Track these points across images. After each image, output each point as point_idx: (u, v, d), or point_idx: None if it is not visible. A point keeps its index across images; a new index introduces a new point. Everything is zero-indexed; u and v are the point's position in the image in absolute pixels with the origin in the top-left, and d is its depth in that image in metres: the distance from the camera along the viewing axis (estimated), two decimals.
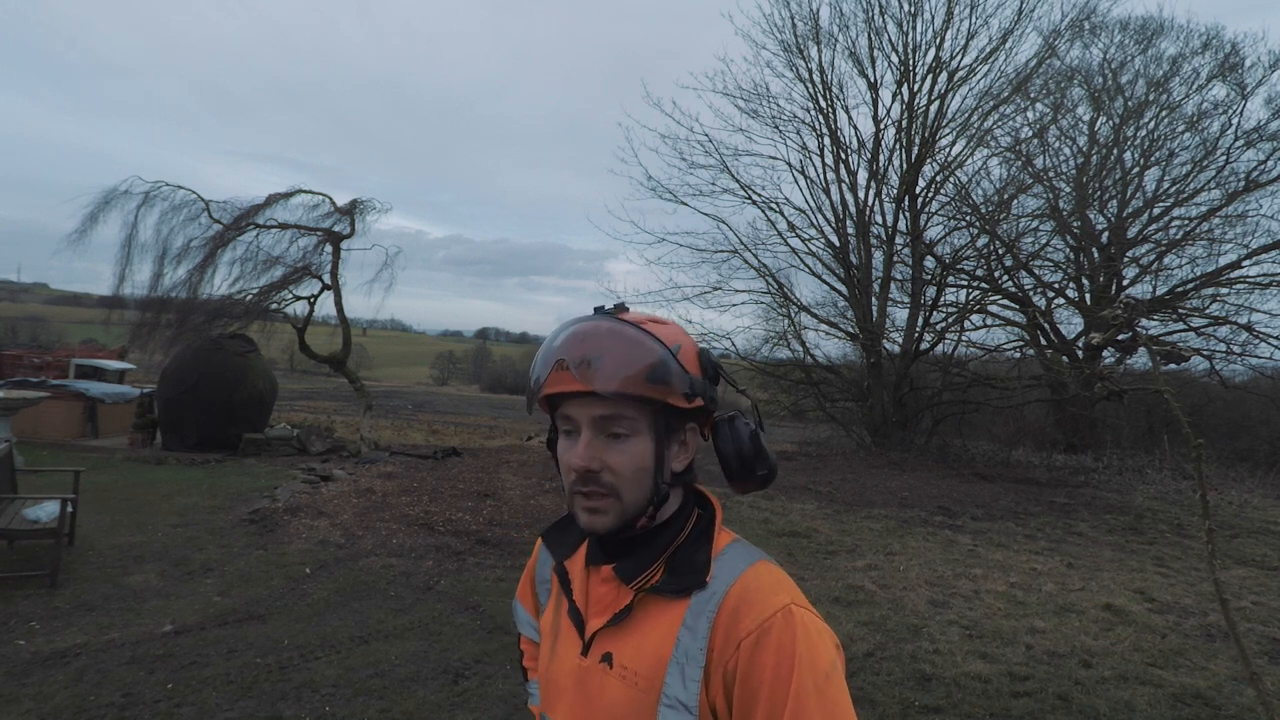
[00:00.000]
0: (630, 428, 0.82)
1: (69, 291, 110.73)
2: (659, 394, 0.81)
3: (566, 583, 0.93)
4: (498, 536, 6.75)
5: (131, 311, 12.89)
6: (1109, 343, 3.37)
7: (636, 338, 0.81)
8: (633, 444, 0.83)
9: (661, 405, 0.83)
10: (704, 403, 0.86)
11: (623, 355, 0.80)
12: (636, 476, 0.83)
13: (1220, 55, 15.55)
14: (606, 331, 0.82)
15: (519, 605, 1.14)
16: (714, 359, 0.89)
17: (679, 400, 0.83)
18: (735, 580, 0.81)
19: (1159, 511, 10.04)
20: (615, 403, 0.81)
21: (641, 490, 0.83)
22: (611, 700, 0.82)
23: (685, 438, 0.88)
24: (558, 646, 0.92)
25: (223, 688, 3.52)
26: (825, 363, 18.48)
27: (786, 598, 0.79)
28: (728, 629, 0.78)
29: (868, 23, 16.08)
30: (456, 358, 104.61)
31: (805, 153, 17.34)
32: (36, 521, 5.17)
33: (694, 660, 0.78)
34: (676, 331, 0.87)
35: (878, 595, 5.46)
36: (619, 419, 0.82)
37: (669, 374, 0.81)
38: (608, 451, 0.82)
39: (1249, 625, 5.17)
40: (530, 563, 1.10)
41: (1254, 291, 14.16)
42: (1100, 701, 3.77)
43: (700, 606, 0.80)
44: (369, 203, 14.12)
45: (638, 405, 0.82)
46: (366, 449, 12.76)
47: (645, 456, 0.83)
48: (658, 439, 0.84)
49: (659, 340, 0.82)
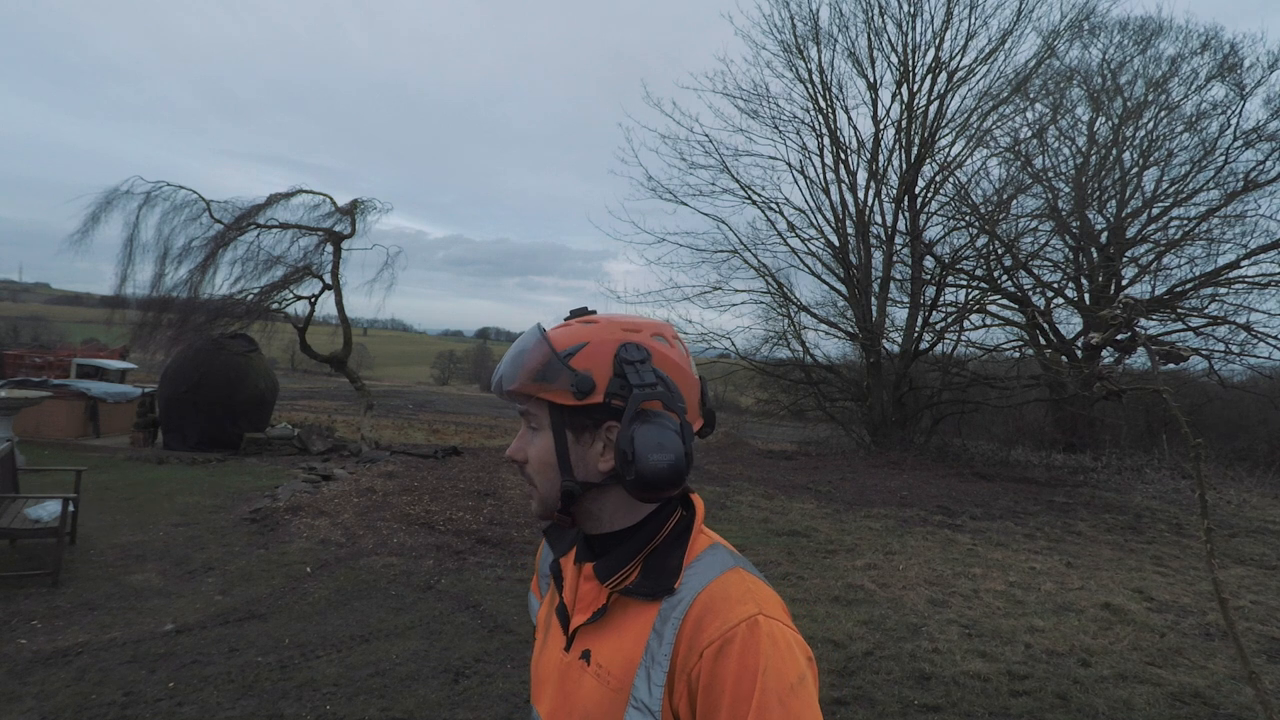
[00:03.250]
0: (537, 422, 0.90)
1: (71, 291, 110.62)
2: (538, 392, 0.86)
3: (559, 579, 0.96)
4: (498, 536, 6.76)
5: (133, 311, 12.92)
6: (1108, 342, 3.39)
7: (529, 343, 0.89)
8: (540, 438, 0.90)
9: (556, 403, 0.87)
10: (603, 400, 0.84)
11: (514, 358, 0.88)
12: (541, 470, 0.89)
13: (1219, 56, 15.56)
14: (516, 339, 0.91)
15: (533, 597, 1.17)
16: (625, 356, 0.85)
17: (564, 398, 0.85)
18: (703, 588, 0.81)
19: (1158, 511, 10.06)
20: (517, 399, 0.90)
21: (549, 483, 0.89)
22: (586, 697, 0.83)
23: (608, 436, 0.86)
24: (547, 640, 0.96)
25: (224, 686, 3.53)
26: (825, 362, 18.49)
27: (754, 608, 0.78)
28: (692, 637, 0.78)
29: (867, 23, 16.10)
30: (457, 357, 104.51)
31: (805, 153, 17.37)
32: (38, 521, 5.19)
33: (659, 665, 0.79)
34: (596, 330, 0.87)
35: (877, 594, 5.47)
36: (528, 414, 0.90)
37: (547, 373, 0.85)
38: (529, 445, 0.91)
39: (1247, 624, 5.18)
40: (538, 557, 1.14)
41: (1252, 291, 14.17)
42: (1099, 700, 3.78)
43: (668, 612, 0.81)
44: (370, 203, 14.15)
45: (533, 401, 0.89)
46: (367, 448, 12.77)
47: (547, 451, 0.89)
48: (557, 435, 0.88)
49: (548, 342, 0.87)
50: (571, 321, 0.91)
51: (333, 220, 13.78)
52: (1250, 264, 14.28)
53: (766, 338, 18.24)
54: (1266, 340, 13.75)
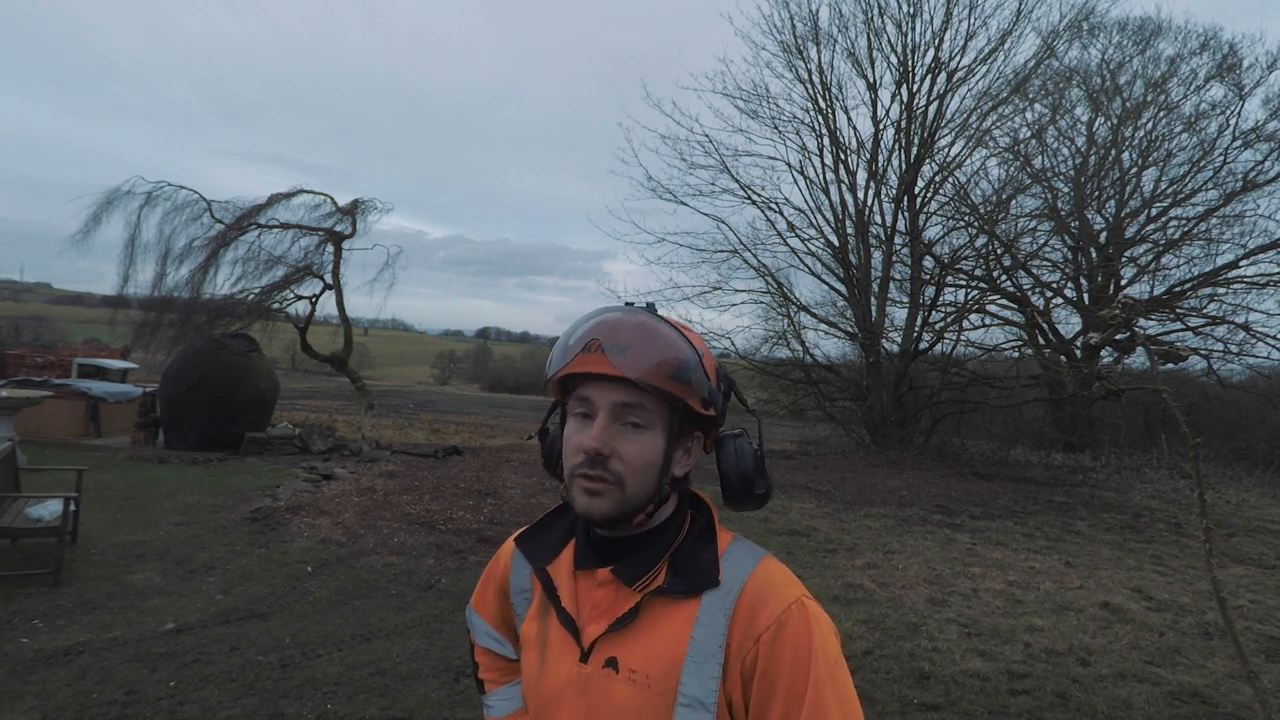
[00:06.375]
0: (647, 420, 0.83)
1: (72, 291, 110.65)
2: (681, 392, 0.82)
3: (552, 589, 0.90)
4: (499, 535, 6.77)
5: (134, 311, 12.96)
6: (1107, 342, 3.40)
7: (670, 334, 0.83)
8: (647, 436, 0.83)
9: (681, 405, 0.84)
10: (714, 413, 0.87)
11: (655, 347, 0.81)
12: (644, 469, 0.82)
13: (1218, 56, 15.58)
14: (641, 323, 0.82)
15: (475, 614, 1.09)
16: (729, 374, 0.90)
17: (696, 404, 0.84)
18: (749, 577, 0.82)
19: (1157, 510, 10.07)
20: (638, 392, 0.81)
21: (645, 484, 0.83)
22: (621, 705, 0.81)
23: (690, 445, 0.89)
24: (548, 656, 0.89)
25: (225, 685, 3.54)
26: (825, 362, 18.50)
27: (798, 590, 0.82)
28: (745, 625, 0.79)
29: (867, 24, 16.11)
30: (457, 357, 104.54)
31: (805, 153, 17.38)
32: (39, 520, 5.19)
33: (711, 658, 0.79)
34: (699, 340, 0.88)
35: (877, 594, 5.48)
36: (638, 409, 0.82)
37: (692, 375, 0.82)
38: (620, 439, 0.82)
39: (1246, 623, 5.19)
40: (496, 571, 1.05)
41: (1251, 291, 14.18)
42: (1098, 699, 3.79)
43: (714, 605, 0.81)
44: (370, 203, 14.18)
45: (658, 399, 0.82)
46: (368, 448, 12.79)
47: (656, 451, 0.83)
48: (669, 437, 0.84)
49: (690, 341, 0.84)
50: (674, 321, 0.87)
51: (333, 220, 13.81)
52: (1249, 264, 14.31)
53: (766, 337, 18.28)
54: (1265, 340, 13.76)
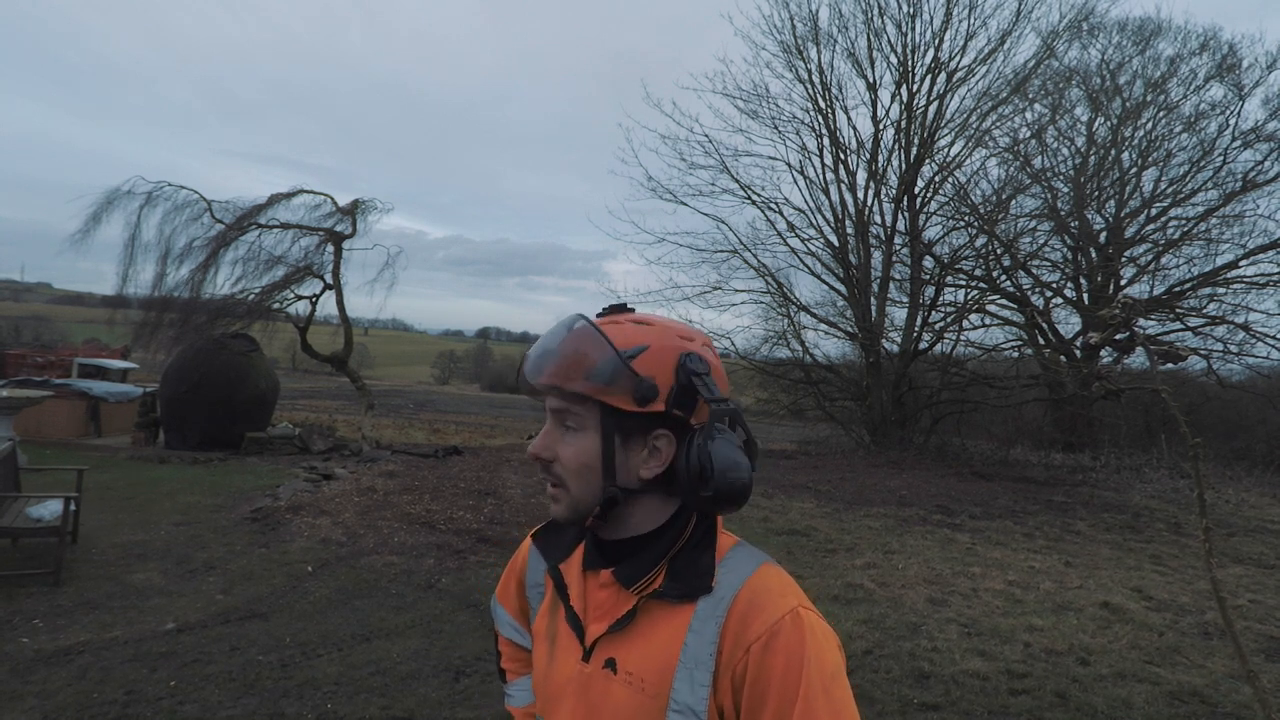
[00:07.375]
0: (578, 423, 0.84)
1: (72, 291, 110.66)
2: (595, 393, 0.81)
3: (562, 587, 0.91)
4: (499, 535, 6.77)
5: (134, 311, 12.98)
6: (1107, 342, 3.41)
7: (586, 338, 0.82)
8: (579, 439, 0.84)
9: (610, 406, 0.82)
10: (663, 409, 0.83)
11: (566, 353, 0.82)
12: (580, 471, 0.84)
13: (1218, 56, 15.57)
14: (565, 329, 0.84)
15: (499, 605, 1.12)
16: (692, 368, 0.83)
17: (623, 402, 0.81)
18: (743, 584, 0.81)
19: (1156, 510, 10.07)
20: (565, 398, 0.83)
21: (587, 487, 0.84)
22: (617, 706, 0.81)
23: (655, 444, 0.85)
24: (555, 652, 0.91)
25: (225, 685, 3.54)
26: (824, 362, 18.49)
27: (794, 600, 0.80)
28: (736, 633, 0.78)
29: (867, 24, 16.09)
30: (457, 357, 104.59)
31: (805, 153, 17.34)
32: (40, 520, 5.20)
33: (702, 665, 0.78)
34: (655, 334, 0.85)
35: (876, 593, 5.48)
36: (567, 413, 0.84)
37: (608, 375, 0.80)
38: (560, 443, 0.85)
39: (1246, 623, 5.20)
40: (517, 564, 1.08)
41: (1251, 291, 14.17)
42: (1098, 699, 3.80)
43: (707, 611, 0.80)
44: (370, 203, 14.19)
45: (584, 403, 0.83)
46: (368, 448, 12.79)
47: (589, 453, 0.84)
48: (605, 438, 0.83)
49: (609, 341, 0.82)
50: (620, 319, 0.86)
51: (333, 220, 13.82)
52: (1249, 264, 14.30)
53: (766, 337, 18.26)
54: (1265, 340, 13.76)
